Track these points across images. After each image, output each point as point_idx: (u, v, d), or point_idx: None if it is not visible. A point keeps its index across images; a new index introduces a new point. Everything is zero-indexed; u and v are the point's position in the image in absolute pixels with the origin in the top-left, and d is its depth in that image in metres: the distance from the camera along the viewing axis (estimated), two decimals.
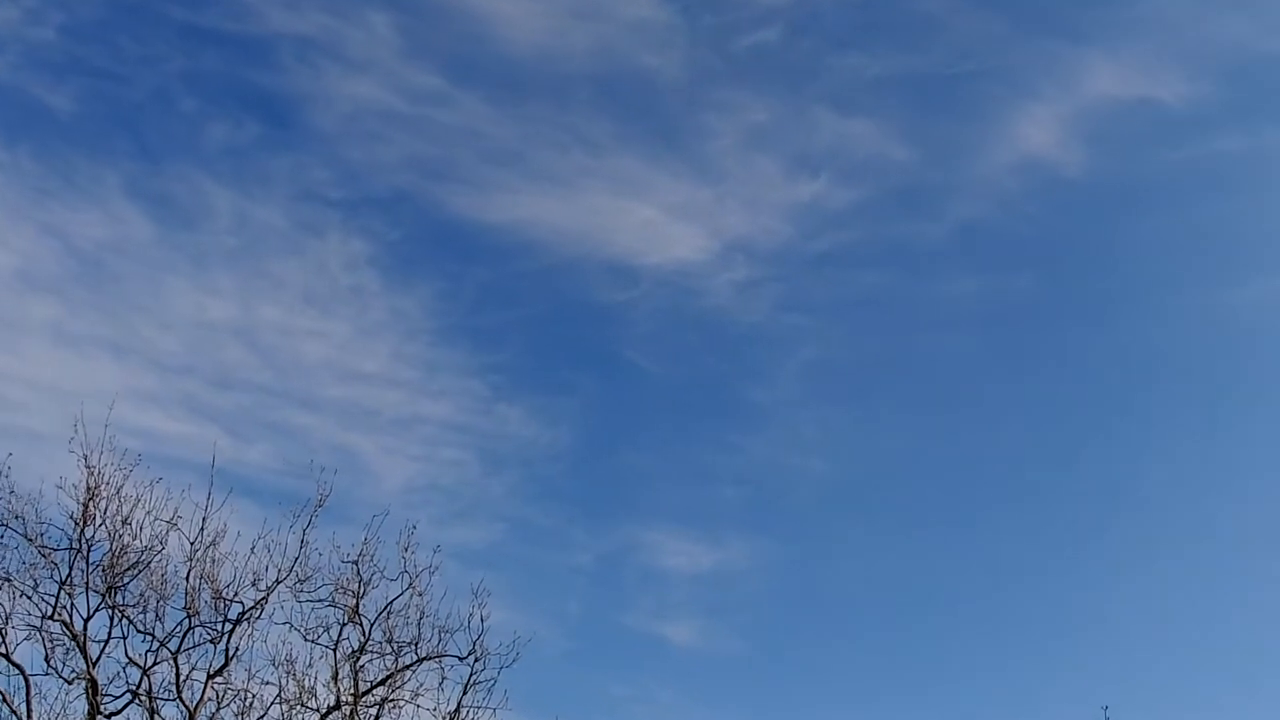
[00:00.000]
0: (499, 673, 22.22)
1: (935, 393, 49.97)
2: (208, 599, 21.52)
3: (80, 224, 42.78)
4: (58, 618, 20.67)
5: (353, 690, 21.95)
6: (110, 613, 20.97)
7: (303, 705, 21.84)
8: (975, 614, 45.13)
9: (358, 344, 44.61)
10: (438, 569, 22.56)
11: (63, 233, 42.51)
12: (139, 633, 21.20)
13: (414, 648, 22.34)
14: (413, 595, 22.44)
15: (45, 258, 41.94)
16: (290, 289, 44.79)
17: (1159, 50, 48.95)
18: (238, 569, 21.73)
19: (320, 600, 22.34)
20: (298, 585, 22.10)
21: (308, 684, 21.92)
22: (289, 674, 21.89)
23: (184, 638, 21.31)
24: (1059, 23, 49.48)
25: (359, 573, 22.39)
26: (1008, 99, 49.65)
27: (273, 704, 21.71)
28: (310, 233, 45.42)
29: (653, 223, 47.70)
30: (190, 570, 21.52)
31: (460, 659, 22.37)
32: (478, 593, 22.48)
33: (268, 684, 21.76)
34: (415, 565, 22.48)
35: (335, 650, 22.25)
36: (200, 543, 21.59)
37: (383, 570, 22.46)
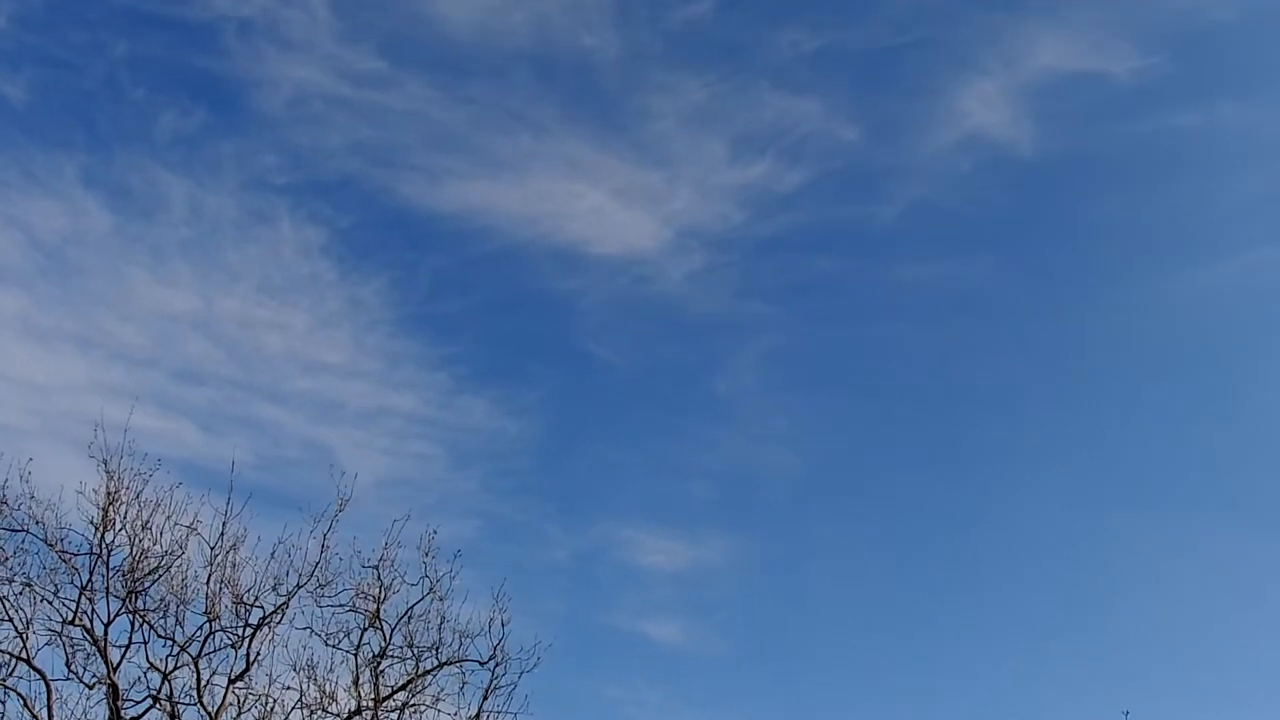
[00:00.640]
0: (519, 677, 22.23)
1: (901, 382, 49.06)
2: (228, 604, 21.55)
3: (41, 215, 42.54)
4: (79, 623, 20.72)
5: (374, 695, 21.90)
6: (131, 618, 21.01)
7: (324, 710, 21.82)
8: (966, 610, 44.59)
9: (319, 335, 44.19)
10: (458, 574, 22.54)
11: (25, 224, 42.36)
12: (160, 638, 21.27)
13: (435, 652, 22.33)
14: (433, 600, 22.42)
15: (10, 250, 41.83)
16: (247, 279, 44.30)
17: (1107, 21, 47.26)
18: (258, 573, 21.82)
19: (341, 605, 22.36)
20: (318, 590, 22.13)
21: (328, 689, 21.91)
22: (310, 679, 21.90)
23: (205, 642, 21.35)
24: None
25: (379, 577, 22.40)
26: (952, 73, 48.12)
27: (294, 709, 21.74)
28: (262, 221, 44.87)
29: (602, 209, 46.74)
30: (210, 575, 21.59)
31: (481, 664, 22.36)
32: (498, 597, 22.48)
33: (289, 689, 21.79)
34: (436, 570, 22.47)
35: (356, 655, 22.25)
36: (220, 547, 21.67)
37: (403, 575, 22.46)
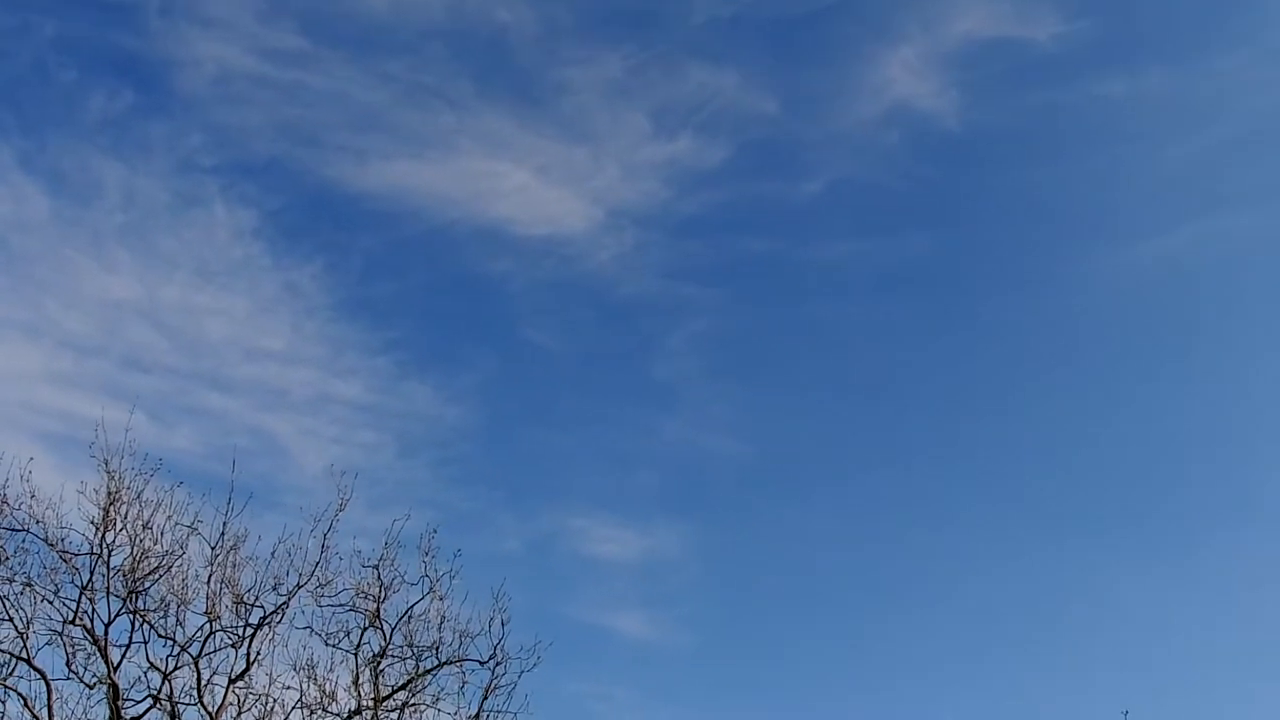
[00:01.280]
0: (519, 677, 22.20)
1: (841, 365, 48.10)
2: (229, 603, 21.56)
3: None
4: (79, 622, 20.73)
5: (374, 695, 21.92)
6: (131, 617, 21.01)
7: (324, 710, 21.84)
8: (931, 601, 43.88)
9: (258, 320, 43.45)
10: (458, 574, 22.57)
11: None
12: (160, 637, 21.25)
13: (435, 652, 22.31)
14: (433, 600, 22.44)
15: None
16: (184, 265, 43.67)
17: None
18: (258, 573, 21.82)
19: (341, 605, 22.37)
20: (319, 590, 22.13)
21: (329, 689, 21.92)
22: (310, 678, 21.89)
23: (205, 642, 21.34)
24: None
25: (379, 577, 22.40)
26: (869, 40, 46.76)
27: (294, 708, 21.74)
28: (195, 204, 44.14)
29: (527, 187, 45.95)
30: (211, 575, 21.59)
31: (481, 663, 22.35)
32: (498, 597, 22.50)
33: (289, 688, 21.78)
34: (436, 570, 22.48)
35: (356, 655, 22.24)
36: (221, 547, 21.67)
37: (403, 575, 22.47)
